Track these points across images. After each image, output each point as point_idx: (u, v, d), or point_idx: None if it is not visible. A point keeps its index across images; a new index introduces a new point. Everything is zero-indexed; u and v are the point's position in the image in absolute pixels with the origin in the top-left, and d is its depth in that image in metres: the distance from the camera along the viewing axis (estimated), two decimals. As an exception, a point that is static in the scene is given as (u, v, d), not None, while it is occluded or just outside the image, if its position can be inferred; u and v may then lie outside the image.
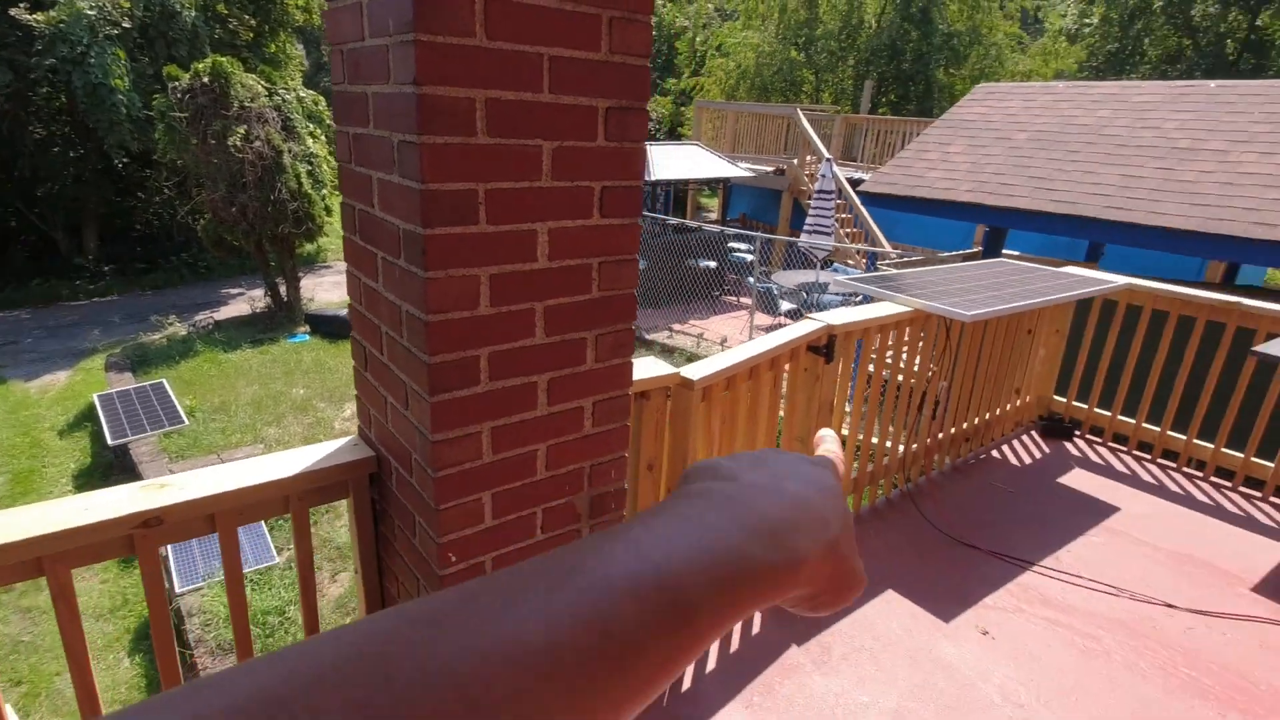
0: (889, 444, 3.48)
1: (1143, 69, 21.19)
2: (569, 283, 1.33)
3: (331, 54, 1.34)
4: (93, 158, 14.63)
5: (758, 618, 2.69)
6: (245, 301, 13.50)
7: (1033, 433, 4.40)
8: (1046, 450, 4.20)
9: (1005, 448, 4.20)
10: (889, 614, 2.76)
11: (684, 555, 0.28)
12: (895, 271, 4.33)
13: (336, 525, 6.40)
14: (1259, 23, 19.89)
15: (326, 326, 11.39)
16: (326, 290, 14.43)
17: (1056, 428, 4.37)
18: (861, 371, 3.23)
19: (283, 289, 12.18)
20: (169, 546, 5.77)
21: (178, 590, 5.39)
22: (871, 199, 6.79)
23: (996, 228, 6.42)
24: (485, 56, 1.10)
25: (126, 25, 12.71)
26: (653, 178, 10.70)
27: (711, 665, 2.45)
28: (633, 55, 1.26)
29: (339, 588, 5.73)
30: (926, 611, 2.77)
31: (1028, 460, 4.08)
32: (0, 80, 12.52)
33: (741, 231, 11.46)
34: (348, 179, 1.36)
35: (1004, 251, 6.58)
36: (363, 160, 1.29)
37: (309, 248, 14.88)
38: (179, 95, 9.77)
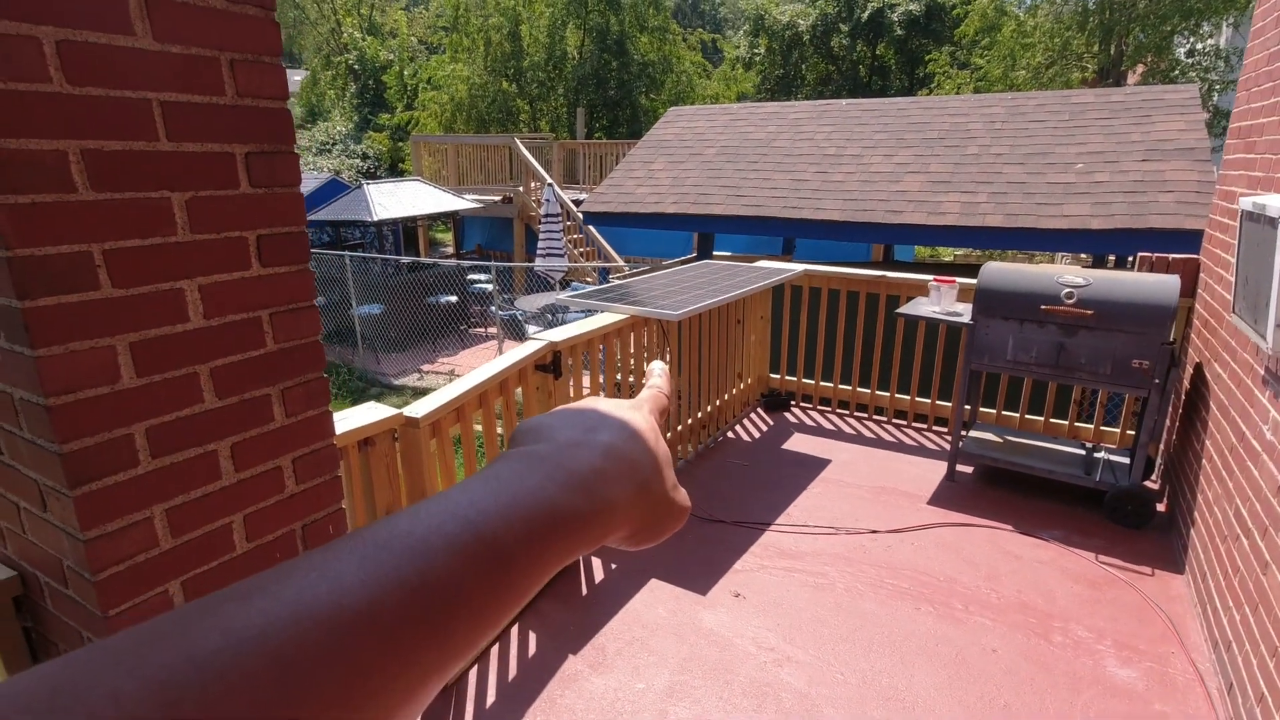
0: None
1: (804, 90, 25.03)
2: (237, 339, 1.24)
3: None
4: None
5: (532, 638, 2.70)
6: None
7: (758, 409, 4.97)
8: (770, 423, 4.77)
9: (738, 427, 4.69)
10: (654, 601, 2.93)
11: (496, 510, 0.29)
12: (621, 282, 4.63)
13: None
14: (878, 51, 24.56)
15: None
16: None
17: (775, 401, 4.99)
18: (594, 380, 3.40)
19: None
20: None
21: None
22: (592, 218, 7.18)
23: (703, 233, 7.16)
24: (72, 104, 0.99)
25: None
26: (376, 218, 10.24)
27: (492, 698, 2.41)
28: (266, 98, 1.21)
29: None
30: (686, 590, 3.00)
31: (756, 435, 4.60)
32: None
33: (478, 263, 11.42)
34: (-81, 254, 1.13)
35: (714, 253, 7.35)
36: (-67, 230, 1.08)
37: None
38: None
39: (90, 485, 1.08)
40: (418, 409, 2.12)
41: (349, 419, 1.96)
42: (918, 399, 4.64)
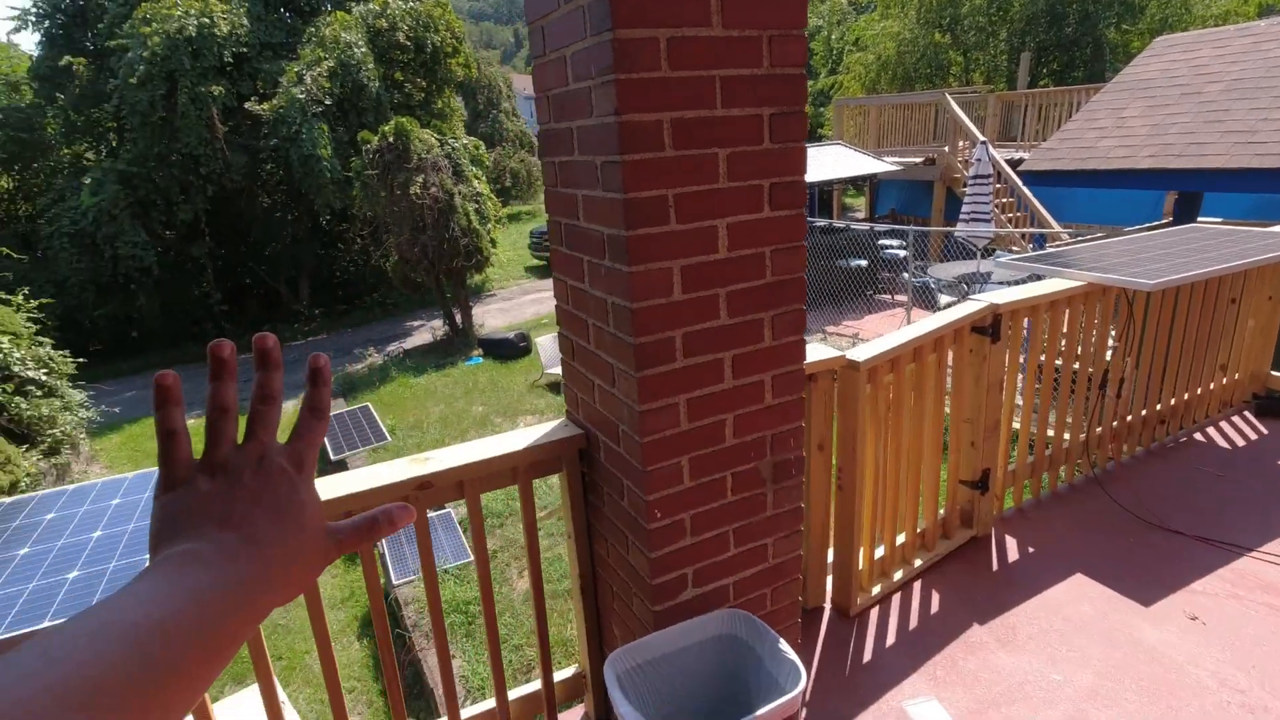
0: (1067, 428, 3.33)
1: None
2: (746, 270, 1.52)
3: (538, 100, 1.64)
4: (304, 219, 17.02)
5: (934, 596, 2.71)
6: (427, 331, 15.00)
7: (1244, 412, 3.98)
8: (1264, 431, 3.79)
9: (1211, 430, 3.84)
10: (1079, 596, 2.67)
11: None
12: (1066, 247, 4.12)
13: (519, 528, 6.98)
14: None
15: (496, 350, 12.39)
16: (493, 316, 15.67)
17: (1275, 406, 3.93)
18: (1033, 354, 3.14)
19: (457, 318, 13.42)
20: (384, 543, 6.59)
21: (394, 582, 6.15)
22: (1035, 177, 6.41)
23: (1188, 193, 5.83)
24: (669, 85, 1.33)
25: (328, 103, 14.73)
26: (796, 181, 10.67)
27: (891, 639, 2.52)
28: (790, 66, 1.44)
29: (526, 583, 6.27)
30: (1122, 595, 2.65)
31: (1240, 442, 3.71)
32: (237, 162, 15.01)
33: (894, 227, 11.10)
34: (554, 200, 1.65)
35: (1200, 219, 5.95)
36: (568, 182, 1.56)
37: (476, 279, 16.26)
38: (370, 155, 11.18)
39: (648, 370, 1.47)
40: (859, 354, 2.28)
41: (797, 355, 2.21)
42: None
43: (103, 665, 0.32)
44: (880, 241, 11.36)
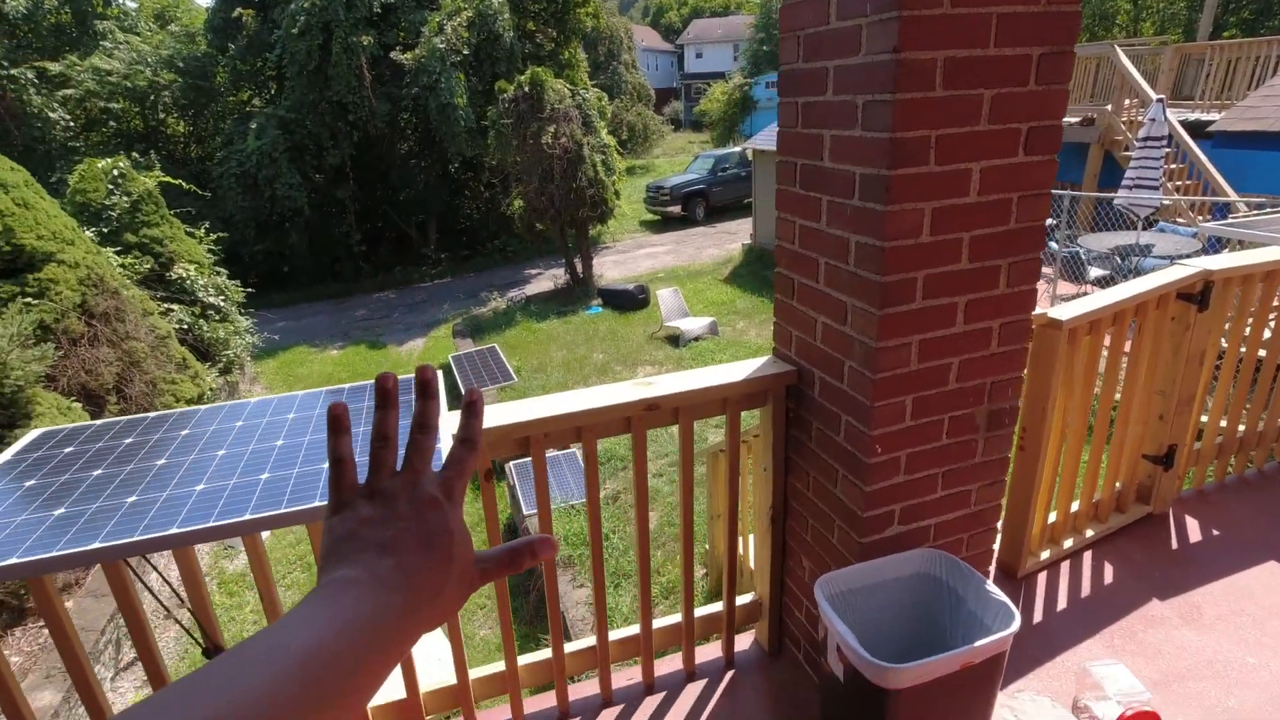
0: (1265, 411, 3.10)
1: None
2: (992, 215, 1.52)
3: (783, 40, 1.67)
4: (435, 166, 17.77)
5: (1107, 568, 2.64)
6: (547, 279, 15.46)
7: None
8: None
9: None
10: (1272, 584, 2.54)
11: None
12: (1257, 217, 3.76)
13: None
14: None
15: (615, 300, 12.63)
16: (609, 268, 15.94)
17: None
18: (1237, 328, 2.92)
19: (578, 267, 13.74)
20: (514, 475, 6.99)
21: (525, 513, 6.55)
22: (1227, 140, 5.82)
23: None
24: (947, 22, 1.33)
25: (465, 52, 15.22)
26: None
27: (1062, 604, 2.49)
28: (1067, 3, 1.41)
29: (651, 524, 6.51)
30: (1327, 587, 2.49)
31: None
32: (381, 110, 15.84)
33: (1042, 191, 10.32)
34: (792, 140, 1.69)
35: None
36: (813, 122, 1.60)
37: (595, 230, 16.53)
38: (506, 104, 11.50)
39: (889, 309, 1.51)
40: (1062, 311, 2.22)
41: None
42: None
43: (278, 687, 0.35)
44: (1025, 207, 10.60)
